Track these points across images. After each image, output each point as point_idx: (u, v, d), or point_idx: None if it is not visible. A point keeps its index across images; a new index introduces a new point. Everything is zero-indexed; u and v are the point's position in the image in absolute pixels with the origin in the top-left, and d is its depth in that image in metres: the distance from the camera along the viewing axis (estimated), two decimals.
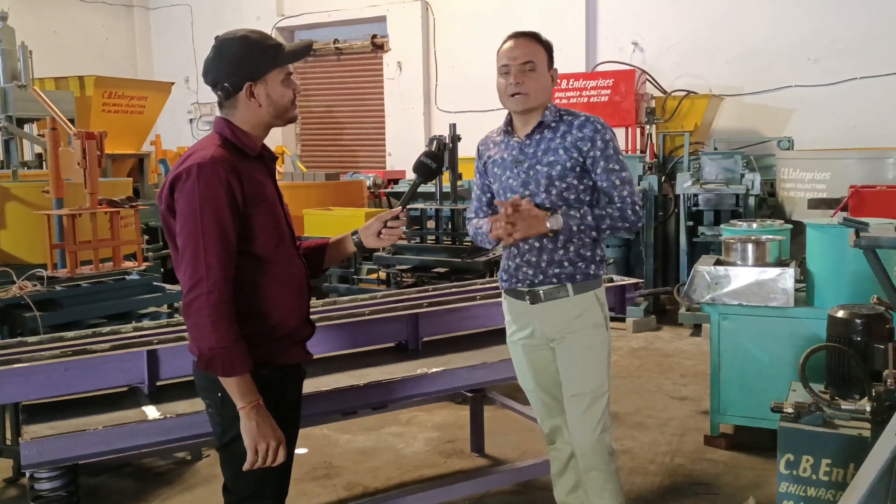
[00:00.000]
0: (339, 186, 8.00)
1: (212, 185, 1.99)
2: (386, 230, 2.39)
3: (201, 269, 1.97)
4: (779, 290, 3.94)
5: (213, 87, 2.14)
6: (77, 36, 12.40)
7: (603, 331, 2.67)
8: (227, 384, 2.02)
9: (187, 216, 2.00)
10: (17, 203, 5.52)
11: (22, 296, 4.31)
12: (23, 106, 7.85)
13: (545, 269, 2.61)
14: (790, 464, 2.86)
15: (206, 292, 1.96)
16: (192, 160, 2.03)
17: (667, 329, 6.89)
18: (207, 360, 1.98)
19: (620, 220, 2.57)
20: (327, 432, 4.46)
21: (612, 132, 2.63)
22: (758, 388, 4.02)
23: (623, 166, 2.61)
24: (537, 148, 2.62)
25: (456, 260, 5.69)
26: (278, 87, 2.12)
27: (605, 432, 2.68)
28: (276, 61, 2.11)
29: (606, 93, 7.70)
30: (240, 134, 2.13)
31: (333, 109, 12.19)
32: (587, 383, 2.65)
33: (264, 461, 2.04)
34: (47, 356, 2.74)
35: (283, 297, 2.16)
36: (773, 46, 8.67)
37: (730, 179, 6.84)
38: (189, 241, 2.00)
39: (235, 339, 1.99)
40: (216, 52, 2.12)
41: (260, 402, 2.04)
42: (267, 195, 2.13)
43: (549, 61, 2.61)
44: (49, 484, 2.52)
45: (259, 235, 2.09)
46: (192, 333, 2.01)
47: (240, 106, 2.12)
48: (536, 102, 2.59)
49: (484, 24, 10.24)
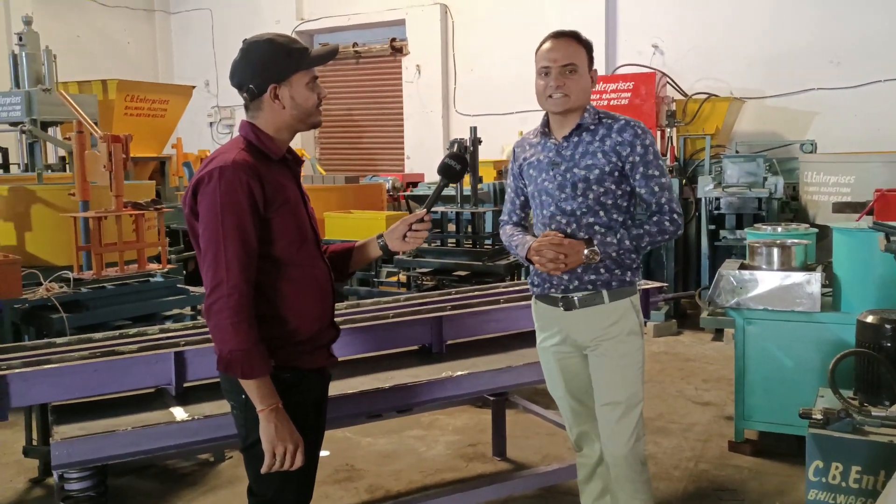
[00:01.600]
0: (359, 190, 8.02)
1: (233, 189, 2.00)
2: (411, 233, 2.38)
3: (222, 271, 1.99)
4: (805, 295, 3.90)
5: (238, 89, 2.16)
6: (99, 40, 12.54)
7: (638, 338, 2.63)
8: (247, 386, 2.03)
9: (209, 219, 2.02)
10: (42, 206, 5.58)
11: (49, 297, 4.36)
12: (47, 109, 7.94)
13: (580, 276, 2.57)
14: (819, 471, 2.83)
15: (227, 295, 1.98)
16: (215, 164, 2.05)
17: (688, 333, 6.84)
18: (227, 363, 2.00)
19: (659, 234, 2.54)
20: (349, 435, 4.47)
21: (652, 136, 2.59)
22: (783, 393, 3.98)
23: (663, 172, 2.57)
24: (575, 151, 2.57)
25: (477, 263, 5.69)
26: (303, 90, 2.14)
27: (639, 442, 2.65)
28: (301, 64, 2.13)
29: (627, 96, 7.66)
30: (263, 137, 2.14)
31: (352, 113, 12.23)
32: (622, 392, 2.61)
33: (282, 464, 2.05)
34: (76, 357, 2.77)
35: (305, 300, 2.17)
36: (795, 49, 8.59)
37: (752, 183, 6.79)
38: (210, 244, 2.02)
39: (255, 342, 2.00)
40: (243, 55, 2.14)
41: (279, 406, 2.04)
42: (289, 198, 2.14)
43: (589, 62, 2.57)
44: (78, 484, 2.55)
45: (280, 238, 2.10)
46: (213, 336, 2.03)
47: (264, 108, 2.14)
48: (577, 104, 2.55)
49: (503, 27, 10.24)
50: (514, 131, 9.26)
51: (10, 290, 4.42)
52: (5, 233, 5.64)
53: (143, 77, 11.93)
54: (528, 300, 3.57)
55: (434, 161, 10.37)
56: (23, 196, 5.64)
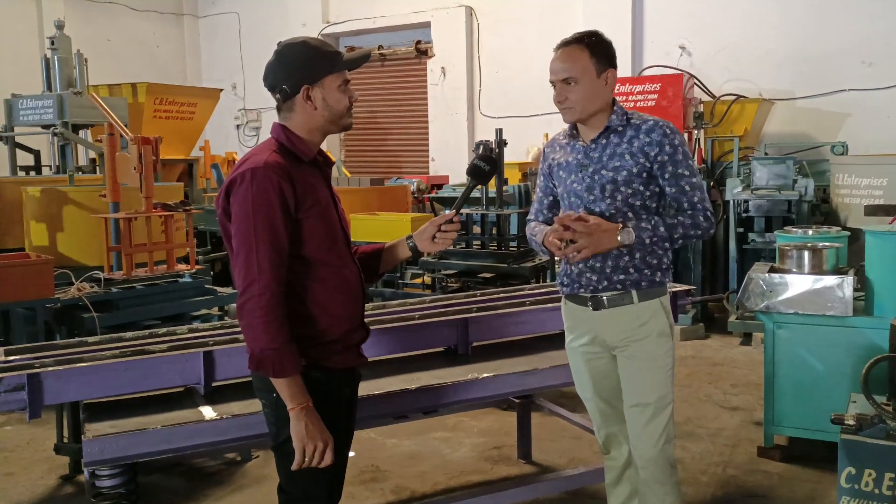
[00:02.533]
0: (384, 191, 8.03)
1: (264, 190, 2.03)
2: (440, 234, 2.40)
3: (254, 271, 2.01)
4: (836, 299, 3.84)
5: (271, 91, 2.18)
6: (129, 44, 12.71)
7: (668, 340, 2.61)
8: (278, 385, 2.05)
9: (241, 220, 2.05)
10: (73, 207, 5.67)
11: (80, 297, 4.42)
12: (78, 112, 8.08)
13: (610, 276, 2.55)
14: (851, 477, 2.78)
15: (258, 294, 2.00)
16: (247, 165, 2.08)
17: (715, 337, 6.77)
18: (258, 361, 2.02)
19: (693, 228, 2.51)
20: (374, 436, 4.48)
21: (682, 136, 2.56)
22: (814, 398, 3.92)
23: (693, 171, 2.54)
24: (603, 153, 2.56)
25: (502, 265, 5.68)
26: (335, 92, 2.17)
27: (668, 444, 2.62)
28: (334, 67, 2.16)
29: (654, 97, 7.61)
30: (295, 139, 2.17)
31: (377, 115, 12.27)
32: (651, 393, 2.59)
33: (311, 462, 2.07)
34: (108, 356, 2.80)
35: (335, 300, 2.19)
36: (826, 50, 8.47)
37: (782, 185, 6.70)
38: (242, 244, 2.04)
39: (286, 341, 2.02)
40: (277, 57, 2.17)
41: (309, 404, 2.06)
42: (320, 199, 2.16)
43: (598, 66, 2.50)
44: (109, 481, 2.58)
45: (311, 239, 2.12)
46: (244, 334, 2.05)
47: (296, 109, 2.16)
48: (585, 113, 2.53)
49: (528, 28, 10.22)
50: (540, 133, 9.25)
51: (43, 289, 4.50)
52: (38, 233, 5.75)
53: (171, 80, 12.08)
54: (553, 302, 3.58)
55: (459, 163, 10.39)
56: (55, 197, 5.73)
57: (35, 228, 5.77)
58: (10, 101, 8.43)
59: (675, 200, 2.55)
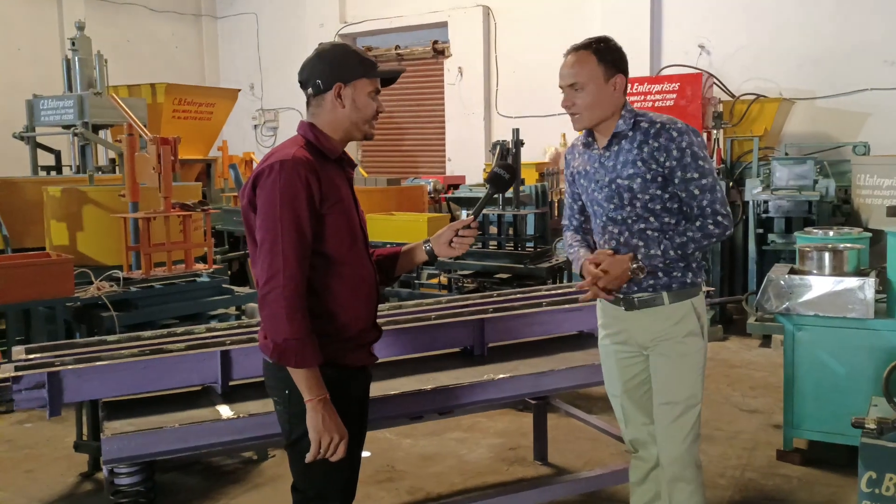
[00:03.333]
0: (401, 191, 8.05)
1: (292, 182, 2.05)
2: (457, 239, 2.41)
3: (278, 261, 2.02)
4: (858, 301, 3.79)
5: (304, 84, 2.22)
6: (149, 44, 12.82)
7: (699, 339, 2.60)
8: (297, 376, 2.06)
9: (267, 211, 2.06)
10: (93, 206, 5.73)
11: (99, 296, 4.46)
12: (98, 113, 8.17)
13: (639, 281, 2.56)
14: (872, 482, 2.75)
15: (283, 285, 2.01)
16: (275, 158, 2.10)
17: (734, 339, 6.71)
18: (281, 351, 2.03)
19: (705, 239, 2.50)
20: (390, 436, 4.48)
21: (691, 136, 2.50)
22: (834, 402, 3.88)
23: (703, 172, 2.49)
24: (616, 161, 2.55)
25: (518, 266, 5.66)
26: (365, 96, 2.20)
27: (695, 443, 2.63)
28: (369, 72, 2.21)
29: (672, 97, 7.55)
30: (322, 137, 2.20)
31: (394, 115, 12.29)
32: (680, 392, 2.59)
33: (326, 454, 2.08)
34: (126, 355, 2.82)
35: (353, 299, 2.20)
36: (847, 49, 8.37)
37: (802, 186, 6.63)
38: (268, 234, 2.05)
39: (308, 332, 2.03)
40: (317, 54, 2.22)
41: (327, 397, 2.07)
42: (343, 197, 2.18)
43: (606, 72, 2.48)
44: (128, 479, 2.60)
45: (333, 236, 2.14)
46: (266, 325, 2.06)
47: (325, 106, 2.19)
48: (593, 119, 2.53)
49: (545, 28, 10.19)
50: (557, 133, 9.22)
51: (63, 288, 4.55)
52: (58, 233, 5.81)
53: (190, 80, 12.18)
54: (570, 304, 3.56)
55: (475, 163, 10.37)
56: (75, 197, 5.79)
57: (55, 228, 5.83)
58: (32, 102, 8.54)
59: (686, 205, 2.53)
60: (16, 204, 6.58)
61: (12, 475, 4.12)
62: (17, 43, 11.07)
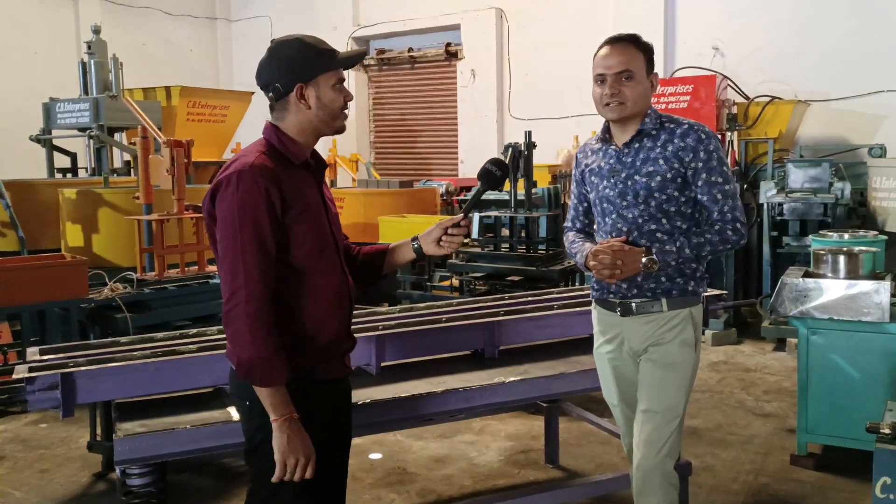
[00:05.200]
0: (413, 194, 8.06)
1: (250, 194, 1.97)
2: (447, 237, 2.32)
3: (240, 278, 1.95)
4: (872, 305, 3.75)
5: (264, 90, 2.13)
6: (164, 48, 12.91)
7: (690, 351, 2.54)
8: (262, 395, 1.98)
9: (226, 225, 1.98)
10: (108, 209, 5.78)
11: (113, 297, 4.50)
12: (113, 115, 8.24)
13: (640, 283, 2.52)
14: (887, 488, 2.71)
15: (245, 301, 1.94)
16: (234, 168, 2.01)
17: (748, 343, 6.66)
18: (246, 370, 1.96)
19: (721, 244, 2.46)
20: (400, 438, 4.49)
21: (718, 141, 2.51)
22: (849, 406, 3.84)
23: (727, 179, 2.47)
24: (636, 157, 2.51)
25: (530, 268, 5.65)
26: (329, 91, 2.10)
27: (669, 458, 2.53)
28: (329, 65, 2.10)
29: (686, 99, 7.52)
30: (287, 141, 2.11)
31: (407, 117, 12.30)
32: (661, 401, 2.53)
33: (292, 475, 2.00)
34: (139, 356, 2.84)
35: (323, 309, 2.12)
36: (863, 50, 8.29)
37: (817, 188, 6.58)
38: (228, 250, 1.98)
39: (274, 350, 1.96)
40: (270, 54, 2.12)
41: (293, 416, 1.99)
42: (309, 204, 2.09)
43: (647, 67, 2.49)
44: (140, 480, 2.61)
45: (300, 245, 2.06)
46: (231, 343, 1.98)
47: (290, 108, 2.10)
48: (634, 111, 2.48)
49: (558, 30, 10.16)
50: (570, 135, 9.19)
51: (78, 290, 4.58)
52: (73, 234, 5.86)
53: (204, 83, 12.24)
54: (582, 306, 3.55)
55: None
56: (90, 199, 5.84)
57: (70, 229, 5.89)
58: (48, 105, 8.62)
59: (706, 209, 2.49)
60: (32, 206, 6.65)
61: (27, 475, 4.15)
62: (33, 47, 11.18)
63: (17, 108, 10.09)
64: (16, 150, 9.48)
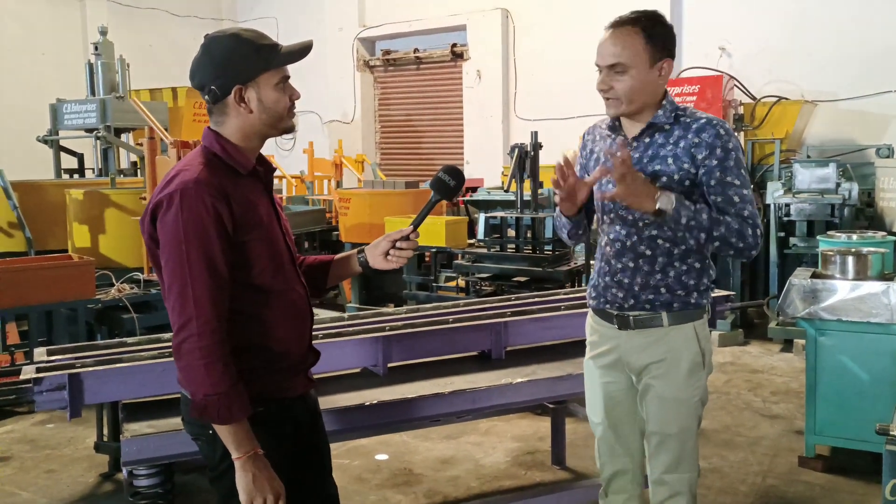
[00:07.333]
0: (419, 194, 8.05)
1: (197, 213, 1.78)
2: (395, 251, 2.14)
3: (189, 308, 1.78)
4: (881, 306, 3.73)
5: (199, 91, 1.92)
6: (170, 49, 12.93)
7: (698, 369, 2.31)
8: (222, 432, 1.82)
9: (171, 250, 1.80)
10: (115, 209, 5.79)
11: (120, 298, 4.51)
12: (120, 116, 8.26)
13: (637, 294, 2.29)
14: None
15: (197, 333, 1.77)
16: (174, 185, 1.82)
17: (755, 344, 6.64)
18: (202, 408, 1.79)
19: (737, 235, 2.17)
20: (407, 439, 4.48)
21: (738, 140, 2.25)
22: (857, 408, 3.82)
23: (744, 182, 2.22)
24: (644, 153, 2.26)
25: (537, 269, 5.65)
26: (271, 91, 1.90)
27: (689, 473, 2.35)
28: (270, 63, 1.89)
29: (692, 99, 7.50)
30: (230, 148, 1.91)
31: (413, 118, 12.31)
32: (671, 424, 2.32)
33: None
34: (146, 357, 2.85)
35: (285, 326, 1.97)
36: (870, 51, 8.26)
37: (824, 189, 6.55)
38: (175, 276, 1.80)
39: (232, 384, 1.80)
40: (204, 51, 1.91)
41: (257, 451, 1.83)
42: (262, 217, 1.93)
43: (652, 54, 2.19)
44: (147, 481, 2.62)
45: (255, 264, 1.90)
46: (183, 377, 1.83)
47: (229, 112, 1.90)
48: (630, 107, 2.23)
49: (564, 31, 10.15)
50: (576, 136, 9.16)
51: (85, 290, 4.60)
52: (80, 235, 5.87)
53: None
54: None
55: (494, 166, 10.32)
56: (97, 200, 5.86)
57: (77, 230, 5.90)
58: (55, 106, 8.65)
59: (720, 212, 2.20)
60: (39, 206, 6.67)
61: (34, 475, 4.16)
62: (40, 48, 11.23)
63: (24, 109, 10.14)
64: (23, 151, 9.51)
